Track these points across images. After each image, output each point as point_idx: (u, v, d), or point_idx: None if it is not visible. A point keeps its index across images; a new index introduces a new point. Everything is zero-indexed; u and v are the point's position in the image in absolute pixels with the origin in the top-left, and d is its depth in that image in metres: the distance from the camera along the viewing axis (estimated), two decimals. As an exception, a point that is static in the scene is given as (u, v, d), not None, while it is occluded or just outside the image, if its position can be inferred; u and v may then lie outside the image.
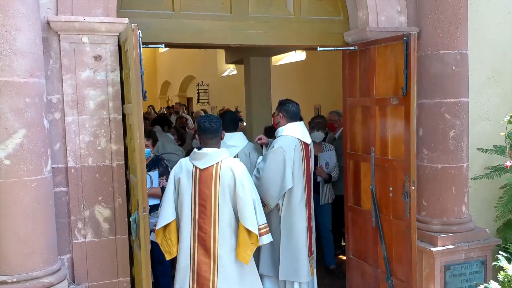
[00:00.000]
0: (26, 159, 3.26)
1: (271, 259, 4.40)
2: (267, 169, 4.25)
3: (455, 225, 4.47)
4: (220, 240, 3.64)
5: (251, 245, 3.65)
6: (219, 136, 3.79)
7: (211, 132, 3.71)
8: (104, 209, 3.79)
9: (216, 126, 3.73)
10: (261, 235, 3.68)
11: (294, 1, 4.54)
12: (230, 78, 15.66)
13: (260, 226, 3.67)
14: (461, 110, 4.43)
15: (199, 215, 3.66)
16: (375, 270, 4.58)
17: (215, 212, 3.64)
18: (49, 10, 3.60)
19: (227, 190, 3.63)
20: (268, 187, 4.22)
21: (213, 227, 3.63)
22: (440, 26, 4.36)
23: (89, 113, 3.72)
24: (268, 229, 3.75)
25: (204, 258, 3.64)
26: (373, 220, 4.48)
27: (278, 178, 4.23)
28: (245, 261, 3.64)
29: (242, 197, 3.61)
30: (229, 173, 3.63)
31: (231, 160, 3.74)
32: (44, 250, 3.37)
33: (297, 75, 11.39)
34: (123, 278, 3.87)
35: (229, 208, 3.65)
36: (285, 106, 4.51)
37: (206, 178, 3.65)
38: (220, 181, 3.63)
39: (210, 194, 3.64)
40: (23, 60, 3.23)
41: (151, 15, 4.09)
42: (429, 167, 4.48)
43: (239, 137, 4.53)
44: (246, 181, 3.65)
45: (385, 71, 4.31)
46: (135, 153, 3.42)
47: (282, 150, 4.27)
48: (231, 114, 4.81)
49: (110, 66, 3.74)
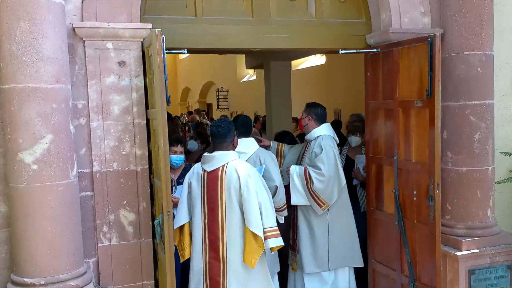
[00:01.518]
0: (52, 164, 3.31)
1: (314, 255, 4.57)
2: (328, 169, 4.43)
3: (480, 229, 4.41)
4: (228, 243, 3.64)
5: (258, 248, 3.58)
6: (228, 141, 3.75)
7: (218, 136, 3.73)
8: (128, 213, 3.83)
9: (223, 131, 3.72)
10: (267, 238, 3.58)
11: (316, 4, 4.54)
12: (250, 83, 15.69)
13: (267, 228, 3.59)
14: (487, 113, 4.37)
15: (209, 218, 3.68)
16: (398, 274, 4.53)
17: (222, 215, 3.64)
18: (75, 17, 3.66)
19: (232, 192, 3.61)
20: (333, 186, 4.46)
21: (221, 230, 3.64)
22: (464, 27, 4.31)
23: (114, 118, 3.76)
24: (277, 233, 3.64)
25: (215, 261, 3.66)
26: (396, 224, 4.44)
27: (337, 176, 4.49)
28: (251, 265, 3.58)
29: (247, 199, 3.57)
30: (234, 175, 3.61)
31: (237, 162, 3.71)
32: (71, 253, 3.42)
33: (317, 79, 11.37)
34: (147, 281, 3.91)
35: (237, 210, 3.63)
36: (315, 109, 4.75)
37: (213, 181, 3.67)
38: (226, 184, 3.63)
39: (217, 197, 3.65)
40: (50, 67, 3.29)
41: (174, 20, 4.13)
42: (454, 171, 4.42)
43: (248, 143, 4.39)
44: (251, 182, 3.59)
45: (408, 73, 4.27)
46: (160, 157, 3.44)
47: (332, 148, 4.53)
48: (243, 118, 4.74)
49: (134, 72, 3.79)
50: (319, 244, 4.59)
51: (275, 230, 3.64)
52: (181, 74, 20.57)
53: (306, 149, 4.75)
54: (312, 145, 4.63)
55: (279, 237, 3.66)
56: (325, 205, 4.48)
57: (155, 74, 3.42)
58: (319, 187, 4.42)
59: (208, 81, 18.55)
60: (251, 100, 14.74)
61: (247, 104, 15.36)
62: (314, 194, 4.45)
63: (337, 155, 4.56)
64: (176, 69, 20.53)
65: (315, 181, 4.41)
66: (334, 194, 4.51)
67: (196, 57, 16.88)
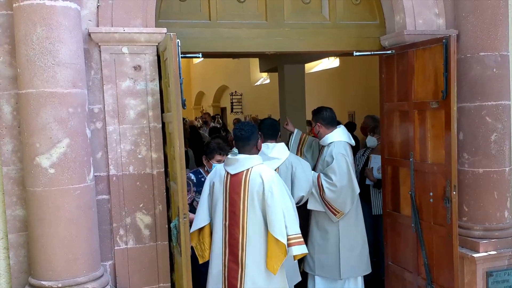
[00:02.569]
0: (69, 168, 3.34)
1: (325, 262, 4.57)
2: (340, 179, 4.37)
3: (497, 230, 4.37)
4: (247, 248, 3.60)
5: (281, 255, 3.51)
6: (251, 144, 3.73)
7: (241, 139, 3.71)
8: (145, 216, 3.85)
9: (246, 134, 3.71)
10: (290, 246, 3.51)
11: (330, 7, 4.54)
12: (263, 87, 15.70)
13: (291, 236, 3.52)
14: (503, 113, 4.33)
15: (229, 221, 3.66)
16: (415, 276, 4.50)
17: (244, 219, 3.61)
18: (90, 22, 3.70)
19: (255, 197, 3.57)
20: (346, 196, 4.40)
21: (241, 234, 3.61)
22: (479, 27, 4.28)
23: (130, 122, 3.79)
24: (301, 240, 3.57)
25: (233, 265, 3.63)
26: (413, 226, 4.41)
27: (350, 185, 4.42)
28: (273, 271, 3.54)
29: (270, 204, 3.53)
30: (258, 180, 3.58)
31: (262, 167, 3.68)
32: (88, 256, 3.44)
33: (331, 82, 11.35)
34: (163, 284, 3.92)
35: (259, 215, 3.59)
36: (320, 114, 4.67)
37: (236, 184, 3.64)
38: (249, 188, 3.60)
39: (239, 201, 3.62)
40: (66, 72, 3.32)
41: (188, 24, 4.15)
42: (470, 172, 4.39)
43: (281, 149, 4.40)
44: (275, 188, 3.54)
45: (423, 75, 4.25)
46: (175, 161, 3.46)
47: (343, 156, 4.44)
48: (269, 121, 4.67)
49: (150, 76, 3.81)
50: (331, 250, 4.54)
51: (299, 237, 3.56)
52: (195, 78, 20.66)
53: (320, 155, 4.70)
54: (325, 151, 4.57)
55: (303, 244, 3.59)
56: (339, 213, 4.44)
57: (170, 78, 3.44)
58: (330, 196, 4.38)
59: (222, 85, 18.60)
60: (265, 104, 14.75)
61: (261, 107, 15.36)
62: (327, 203, 4.43)
63: (349, 163, 4.46)
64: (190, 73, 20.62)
65: (327, 191, 4.38)
66: (348, 204, 4.45)
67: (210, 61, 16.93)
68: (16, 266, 3.60)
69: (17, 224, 3.58)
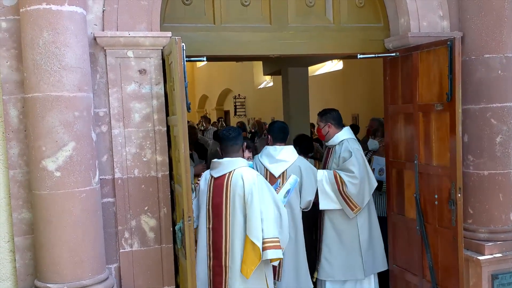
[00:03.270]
0: (75, 171, 3.36)
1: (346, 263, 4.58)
2: (360, 171, 4.43)
3: (502, 233, 4.36)
4: (230, 251, 3.63)
5: (255, 258, 3.52)
6: (238, 144, 3.82)
7: (229, 139, 3.80)
8: (150, 219, 3.86)
9: (234, 134, 3.83)
10: (266, 249, 3.50)
11: (334, 10, 4.54)
12: (267, 90, 15.72)
13: (267, 239, 3.52)
14: (508, 115, 4.32)
15: (213, 225, 3.70)
16: (420, 279, 4.49)
17: (227, 222, 3.65)
18: (96, 27, 3.72)
19: (237, 200, 3.59)
20: (364, 188, 4.46)
21: (224, 237, 3.65)
22: (484, 29, 4.28)
23: (135, 125, 3.80)
24: (277, 244, 3.54)
25: (218, 269, 3.67)
26: (418, 228, 4.41)
27: (367, 178, 4.51)
28: (246, 275, 3.53)
29: (249, 207, 3.55)
30: (239, 182, 3.61)
31: (244, 169, 3.69)
32: (93, 259, 3.46)
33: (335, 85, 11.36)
34: (168, 286, 3.92)
35: (240, 218, 3.60)
36: (331, 114, 4.75)
37: (218, 187, 3.69)
38: (231, 190, 3.63)
39: (222, 204, 3.66)
40: (72, 75, 3.34)
41: (193, 28, 4.17)
42: (475, 174, 4.38)
43: (289, 151, 4.41)
44: (255, 190, 3.55)
45: (428, 77, 4.25)
46: (180, 164, 3.47)
47: (359, 150, 4.55)
48: (279, 123, 4.67)
49: (155, 79, 3.83)
50: (351, 250, 4.55)
51: (275, 241, 3.55)
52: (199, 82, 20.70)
53: (330, 155, 4.72)
54: (338, 150, 4.61)
55: (279, 249, 3.56)
56: (357, 208, 4.46)
57: (175, 81, 3.45)
58: (352, 190, 4.40)
59: (226, 89, 18.63)
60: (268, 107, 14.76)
61: (264, 110, 15.39)
62: (347, 197, 4.43)
63: (365, 158, 4.59)
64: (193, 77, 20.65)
65: (349, 185, 4.39)
66: (366, 197, 4.51)
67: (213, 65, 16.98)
68: (22, 269, 3.61)
69: (23, 227, 3.59)
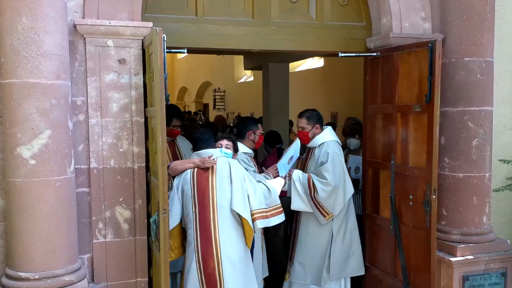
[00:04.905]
0: (50, 159, 3.32)
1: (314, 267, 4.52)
2: (334, 178, 4.29)
3: (475, 235, 4.42)
4: (220, 236, 3.71)
5: (250, 231, 3.78)
6: (212, 146, 3.98)
7: (204, 141, 3.98)
8: (124, 210, 3.83)
9: (208, 136, 4.03)
10: (255, 220, 3.76)
11: (317, 7, 4.55)
12: (247, 84, 15.68)
13: (255, 210, 3.77)
14: (485, 119, 4.37)
15: (199, 213, 3.75)
16: (392, 278, 4.54)
17: (214, 212, 3.73)
18: (76, 14, 3.66)
19: (225, 181, 3.74)
20: (337, 196, 4.31)
21: (213, 229, 3.71)
22: (465, 33, 4.31)
23: (112, 115, 3.76)
24: (264, 214, 3.80)
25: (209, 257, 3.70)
26: (392, 228, 4.44)
27: (343, 186, 4.34)
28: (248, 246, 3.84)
29: (234, 184, 3.74)
30: (226, 166, 3.79)
31: (223, 157, 3.90)
32: (66, 249, 3.43)
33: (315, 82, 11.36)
34: (141, 278, 3.91)
35: (228, 201, 3.74)
36: (317, 114, 4.59)
37: (203, 175, 3.78)
38: (216, 175, 3.77)
39: (208, 189, 3.75)
40: (50, 63, 3.29)
41: (175, 19, 4.13)
42: (450, 176, 4.43)
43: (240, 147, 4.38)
44: (239, 170, 3.81)
45: (408, 78, 4.27)
46: (157, 156, 3.44)
47: (338, 156, 4.39)
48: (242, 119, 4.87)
49: (134, 70, 3.79)
50: (319, 255, 4.47)
51: (263, 211, 3.81)
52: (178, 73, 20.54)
53: (310, 157, 4.58)
54: (317, 153, 4.48)
55: (268, 218, 3.84)
56: (329, 215, 4.34)
57: (155, 72, 3.42)
58: (323, 196, 4.27)
59: (205, 81, 18.52)
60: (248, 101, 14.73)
61: (244, 105, 15.34)
62: (319, 204, 4.32)
63: (343, 163, 4.44)
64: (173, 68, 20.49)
65: (320, 191, 4.26)
66: (339, 204, 4.36)
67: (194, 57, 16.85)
68: (-7, 257, 3.56)
69: (-5, 214, 3.53)
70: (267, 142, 5.98)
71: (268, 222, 3.85)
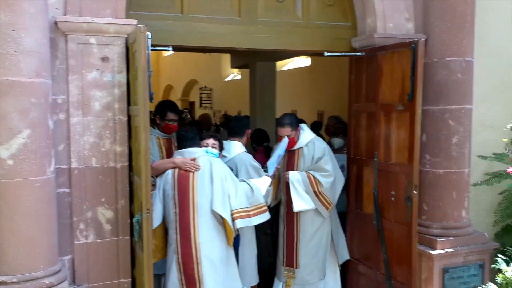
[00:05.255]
0: (29, 159, 3.25)
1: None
2: (333, 169, 4.49)
3: (454, 229, 4.50)
4: (200, 233, 3.68)
5: (230, 231, 3.73)
6: (196, 144, 3.92)
7: (188, 139, 3.91)
8: (106, 211, 3.78)
9: (192, 134, 3.96)
10: (235, 219, 3.70)
11: (303, 6, 4.55)
12: (234, 82, 15.65)
13: (235, 210, 3.71)
14: (465, 117, 4.44)
15: (180, 213, 3.72)
16: (375, 272, 4.60)
17: (194, 213, 3.69)
18: (57, 11, 3.60)
19: (206, 181, 3.70)
20: (337, 186, 4.52)
21: (192, 223, 3.69)
22: (447, 33, 4.36)
23: (94, 114, 3.71)
24: (244, 214, 3.73)
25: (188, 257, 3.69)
26: (375, 223, 4.49)
27: (339, 175, 4.57)
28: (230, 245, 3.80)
29: (215, 183, 3.69)
30: (207, 165, 3.74)
31: (205, 156, 3.85)
32: (46, 250, 3.36)
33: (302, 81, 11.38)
34: (124, 279, 3.87)
35: (209, 201, 3.70)
36: (294, 117, 4.60)
37: (184, 175, 3.74)
38: (198, 175, 3.72)
39: (189, 189, 3.71)
40: (30, 60, 3.22)
41: (160, 17, 4.10)
42: (431, 172, 4.49)
43: (234, 146, 4.39)
44: (221, 169, 3.75)
45: (391, 77, 4.31)
46: (140, 155, 3.41)
47: (328, 147, 4.58)
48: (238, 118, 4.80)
49: (117, 68, 3.74)
50: (323, 247, 4.56)
51: (244, 211, 3.75)
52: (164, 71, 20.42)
53: (298, 158, 4.56)
54: (308, 151, 4.51)
55: (249, 218, 3.76)
56: (330, 206, 4.47)
57: (138, 70, 3.38)
58: (327, 188, 4.41)
59: (192, 79, 18.44)
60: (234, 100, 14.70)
61: (231, 103, 15.31)
62: (322, 197, 4.40)
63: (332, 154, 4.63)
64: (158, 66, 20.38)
65: (325, 184, 4.38)
66: (337, 194, 4.55)
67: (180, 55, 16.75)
68: (-30, 259, 3.49)
69: (-27, 215, 3.46)
70: (255, 141, 6.00)
71: (250, 221, 3.80)
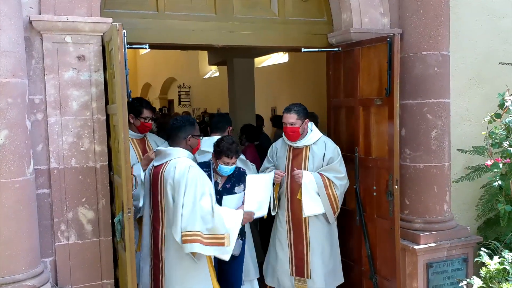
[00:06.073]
0: (7, 161, 3.21)
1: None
2: (345, 171, 4.31)
3: (437, 223, 4.53)
4: (166, 240, 3.62)
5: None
6: (180, 136, 3.69)
7: (173, 129, 3.72)
8: (87, 211, 3.75)
9: (178, 124, 3.73)
10: (184, 242, 3.44)
11: (279, 3, 4.56)
12: (212, 80, 15.60)
13: (187, 232, 3.45)
14: (443, 111, 4.48)
15: (153, 214, 3.70)
16: (359, 268, 4.63)
17: (162, 212, 3.64)
18: (32, 10, 3.56)
19: (169, 190, 3.54)
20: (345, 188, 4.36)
21: (161, 227, 3.65)
22: (422, 27, 4.41)
23: (72, 113, 3.68)
24: (193, 238, 3.43)
25: (155, 260, 3.68)
26: (357, 219, 4.51)
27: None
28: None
29: (175, 199, 3.51)
30: (171, 172, 3.55)
31: (180, 160, 3.60)
32: (27, 252, 3.32)
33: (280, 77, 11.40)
34: (107, 280, 3.84)
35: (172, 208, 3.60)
36: (304, 109, 4.23)
37: (156, 177, 3.68)
38: (163, 181, 3.59)
39: (158, 193, 3.65)
40: (5, 60, 3.18)
41: (135, 15, 4.07)
42: (412, 167, 4.52)
43: (211, 142, 4.10)
44: (183, 182, 3.47)
45: (368, 72, 4.34)
46: (120, 154, 3.39)
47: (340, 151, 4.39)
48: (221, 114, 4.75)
49: (94, 66, 3.71)
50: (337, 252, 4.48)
51: (192, 235, 3.45)
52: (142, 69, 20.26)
53: (306, 156, 4.28)
54: (319, 149, 4.26)
55: (195, 243, 3.45)
56: (338, 210, 4.33)
57: (115, 69, 3.36)
58: (342, 191, 4.27)
59: (170, 77, 18.33)
60: (214, 97, 14.66)
61: (210, 101, 15.26)
62: (335, 200, 4.23)
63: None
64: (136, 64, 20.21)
65: (340, 187, 4.23)
66: (343, 196, 4.39)
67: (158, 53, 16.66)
68: (-51, 263, 3.43)
69: (-50, 219, 3.40)
70: (247, 136, 5.93)
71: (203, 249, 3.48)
